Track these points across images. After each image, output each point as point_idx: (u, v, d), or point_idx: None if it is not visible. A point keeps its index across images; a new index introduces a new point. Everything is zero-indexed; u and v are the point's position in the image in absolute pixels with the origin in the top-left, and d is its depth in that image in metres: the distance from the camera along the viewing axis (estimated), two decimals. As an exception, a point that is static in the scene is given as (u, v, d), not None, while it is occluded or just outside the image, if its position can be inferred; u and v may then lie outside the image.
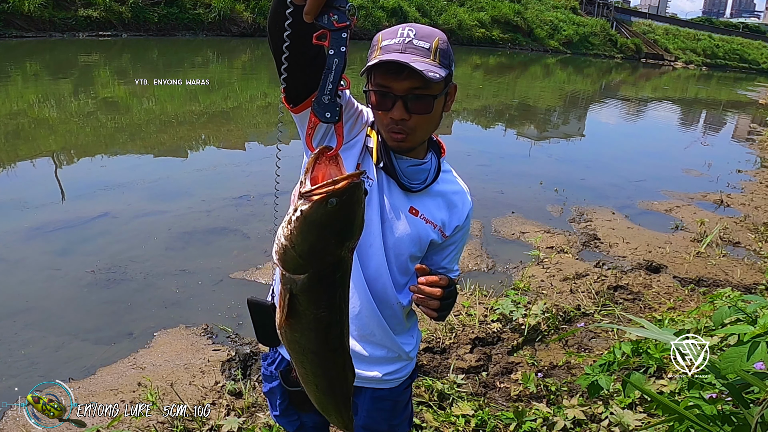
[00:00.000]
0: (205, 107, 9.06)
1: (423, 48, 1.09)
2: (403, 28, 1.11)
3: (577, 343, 3.03)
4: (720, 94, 23.82)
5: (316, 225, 0.71)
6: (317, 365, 0.89)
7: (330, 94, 0.83)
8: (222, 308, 3.15)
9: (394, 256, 1.25)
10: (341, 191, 0.70)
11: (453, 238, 1.32)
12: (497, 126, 10.70)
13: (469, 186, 1.40)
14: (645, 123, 13.64)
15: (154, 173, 5.60)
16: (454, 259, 1.38)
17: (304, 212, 0.71)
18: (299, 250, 0.73)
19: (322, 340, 0.85)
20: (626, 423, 2.16)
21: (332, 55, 0.82)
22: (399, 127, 1.13)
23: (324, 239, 0.73)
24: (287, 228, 0.72)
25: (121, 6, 16.28)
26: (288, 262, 0.74)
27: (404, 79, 1.08)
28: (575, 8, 36.21)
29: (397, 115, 1.10)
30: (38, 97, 8.51)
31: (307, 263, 0.74)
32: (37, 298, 3.15)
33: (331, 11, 0.79)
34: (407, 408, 1.52)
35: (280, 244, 0.74)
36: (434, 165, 1.27)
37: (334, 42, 0.81)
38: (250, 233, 4.13)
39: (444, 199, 1.29)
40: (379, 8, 23.05)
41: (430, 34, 1.11)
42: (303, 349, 0.86)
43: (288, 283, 0.76)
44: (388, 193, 1.22)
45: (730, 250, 4.66)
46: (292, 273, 0.75)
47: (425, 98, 1.11)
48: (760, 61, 44.16)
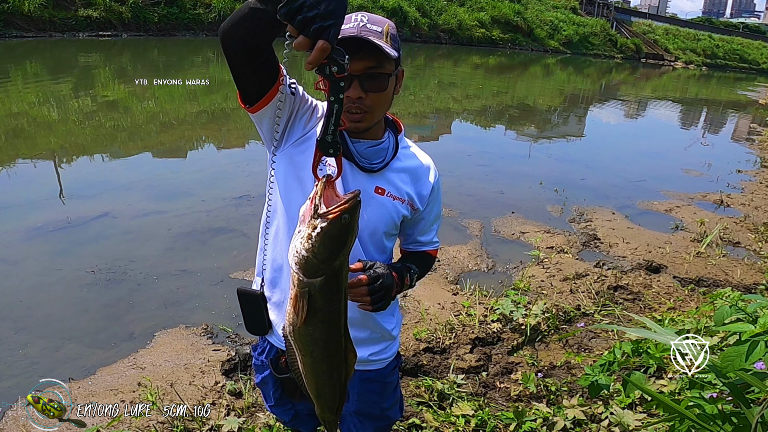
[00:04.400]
0: (205, 107, 9.06)
1: (376, 31, 1.14)
2: (356, 14, 1.16)
3: (577, 343, 3.03)
4: (720, 94, 23.83)
5: (334, 237, 0.90)
6: (324, 352, 1.03)
7: (332, 135, 0.96)
8: (222, 308, 3.15)
9: (368, 236, 1.29)
10: (351, 209, 0.90)
11: (423, 212, 1.37)
12: (497, 126, 10.70)
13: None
14: (645, 123, 13.64)
15: (154, 173, 5.60)
16: (428, 230, 1.43)
17: (324, 228, 0.89)
18: (320, 258, 0.91)
19: (333, 328, 1.01)
20: (626, 423, 2.15)
21: (332, 101, 0.94)
22: (356, 106, 1.17)
23: (338, 247, 0.93)
24: (308, 242, 0.90)
25: (121, 6, 16.28)
26: (309, 269, 0.92)
27: (361, 59, 1.13)
28: (575, 8, 36.22)
29: (354, 93, 1.14)
30: (38, 97, 8.51)
31: (325, 268, 0.92)
32: (37, 298, 3.15)
33: (331, 63, 0.88)
34: (396, 392, 1.55)
35: (301, 255, 0.91)
36: (392, 143, 1.30)
37: (333, 90, 0.93)
38: (250, 233, 4.12)
39: (407, 174, 1.32)
40: (379, 8, 23.05)
41: (381, 21, 1.18)
42: (315, 340, 1.00)
43: (306, 287, 0.93)
44: (351, 178, 1.25)
45: (730, 250, 4.66)
46: (311, 277, 0.92)
47: (380, 77, 1.16)
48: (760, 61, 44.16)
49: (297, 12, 0.83)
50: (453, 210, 4.93)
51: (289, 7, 0.84)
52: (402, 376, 2.63)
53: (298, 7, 0.83)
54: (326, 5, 0.84)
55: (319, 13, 0.84)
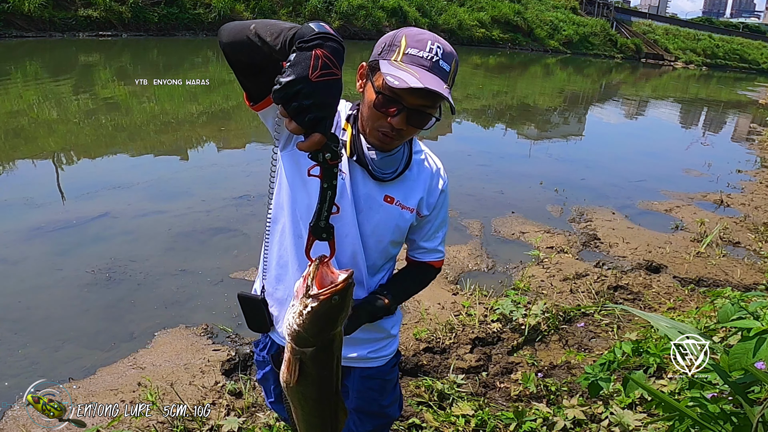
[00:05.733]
0: (205, 107, 9.06)
1: (445, 71, 1.13)
2: (432, 42, 1.13)
3: (577, 343, 3.03)
4: (720, 94, 23.82)
5: (323, 316, 0.94)
6: (315, 408, 1.08)
7: (325, 221, 0.97)
8: (222, 308, 3.15)
9: (374, 243, 1.30)
10: (341, 291, 0.93)
11: (429, 216, 1.37)
12: (497, 126, 10.70)
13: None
14: (645, 123, 13.64)
15: (154, 173, 5.60)
16: (433, 237, 1.41)
17: (315, 308, 0.93)
18: (309, 333, 0.95)
19: (324, 389, 1.05)
20: (626, 423, 2.15)
21: (325, 188, 0.93)
22: (393, 133, 1.16)
23: (327, 325, 0.96)
24: (299, 318, 0.94)
25: (121, 6, 16.28)
26: (299, 341, 0.96)
27: (420, 97, 1.11)
28: (575, 8, 36.20)
29: (398, 123, 1.14)
30: (38, 97, 8.51)
31: (315, 341, 0.97)
32: (36, 298, 3.14)
33: (324, 150, 0.86)
34: (396, 390, 1.56)
35: (293, 329, 0.95)
36: (405, 153, 1.30)
37: (326, 176, 0.91)
38: (250, 233, 4.12)
39: (418, 183, 1.32)
40: (379, 8, 23.07)
41: (451, 54, 1.15)
42: (305, 398, 1.06)
43: (298, 354, 0.98)
44: (363, 184, 1.26)
45: (730, 250, 4.66)
46: (302, 347, 0.97)
47: (427, 115, 1.16)
48: (760, 61, 44.14)
49: (293, 98, 0.80)
50: (453, 210, 4.93)
51: (284, 93, 0.80)
52: (402, 376, 2.63)
53: (295, 93, 0.80)
54: (323, 96, 0.81)
55: (315, 103, 0.80)
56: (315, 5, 20.50)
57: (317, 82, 0.80)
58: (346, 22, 21.61)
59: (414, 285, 1.46)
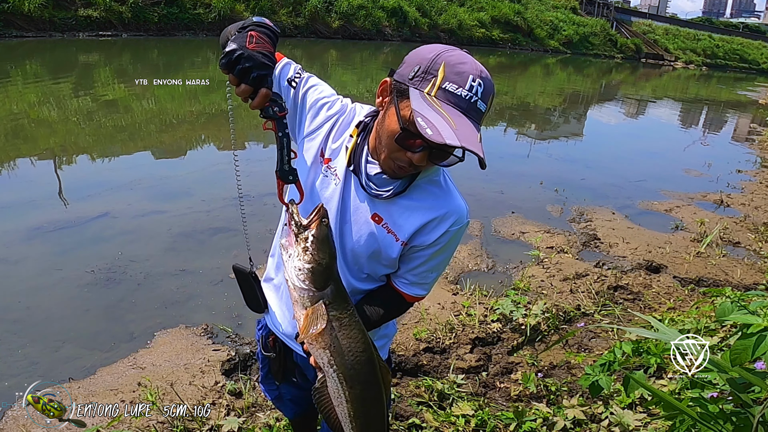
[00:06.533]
0: (205, 107, 9.06)
1: (480, 112, 1.05)
2: (474, 77, 1.02)
3: (577, 343, 3.03)
4: (720, 94, 23.82)
5: (325, 240, 1.01)
6: (367, 365, 1.07)
7: (288, 164, 1.09)
8: (222, 308, 3.14)
9: (351, 258, 1.24)
10: (324, 213, 1.02)
11: (419, 252, 1.23)
12: (497, 126, 10.70)
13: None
14: (645, 123, 13.64)
15: (154, 173, 5.60)
16: (422, 275, 1.26)
17: (315, 235, 0.99)
18: (324, 263, 0.99)
19: (360, 330, 1.06)
20: (626, 423, 2.15)
21: (281, 136, 1.08)
22: (411, 168, 1.10)
23: (332, 249, 1.02)
24: (306, 254, 0.98)
25: (121, 6, 16.26)
26: (318, 279, 0.99)
27: None
28: (575, 8, 36.17)
29: (418, 160, 1.07)
30: (38, 97, 8.51)
31: (329, 274, 1.01)
32: (36, 298, 3.14)
33: (272, 104, 1.05)
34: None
35: (306, 270, 0.98)
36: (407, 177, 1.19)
37: (279, 126, 1.07)
38: (250, 233, 4.12)
39: (417, 212, 1.19)
40: (379, 8, 23.04)
41: (490, 91, 1.06)
42: (337, 351, 1.04)
43: (319, 299, 1.00)
44: (355, 196, 1.20)
45: (730, 250, 4.66)
46: (322, 288, 0.99)
47: (447, 154, 1.09)
48: (760, 61, 44.12)
49: (236, 62, 0.99)
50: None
51: (228, 59, 0.99)
52: (402, 376, 2.63)
53: (237, 58, 0.98)
54: (260, 59, 1.00)
55: (255, 64, 0.99)
56: (315, 5, 20.47)
57: (253, 49, 1.00)
58: (346, 22, 21.59)
59: (380, 310, 1.28)
